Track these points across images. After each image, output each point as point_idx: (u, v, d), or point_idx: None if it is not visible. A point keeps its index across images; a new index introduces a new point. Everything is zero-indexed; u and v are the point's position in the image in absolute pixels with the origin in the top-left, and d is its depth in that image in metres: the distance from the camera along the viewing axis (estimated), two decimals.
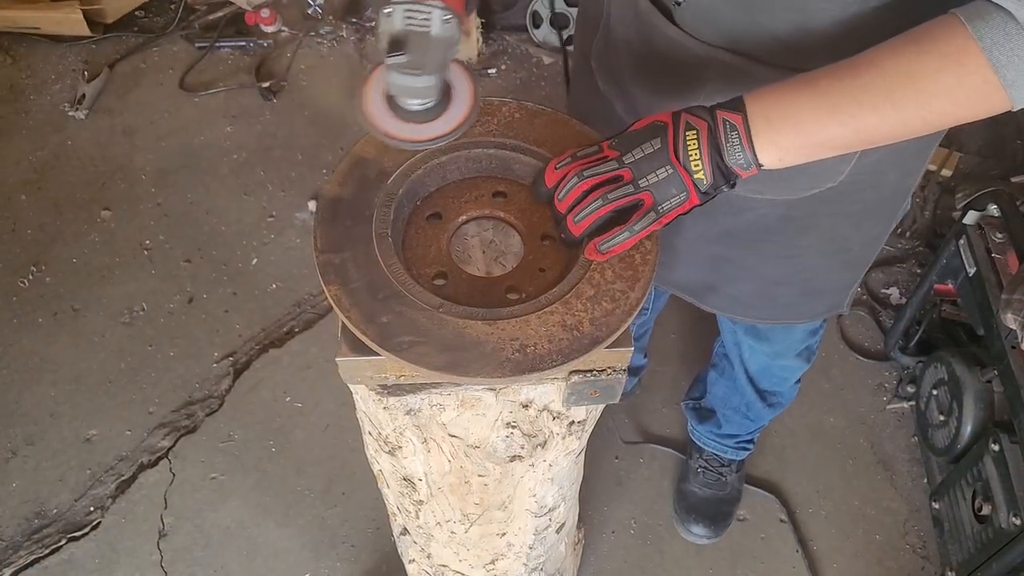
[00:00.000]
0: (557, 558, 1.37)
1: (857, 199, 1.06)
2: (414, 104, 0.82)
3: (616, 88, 1.10)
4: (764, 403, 1.66)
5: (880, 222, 1.16)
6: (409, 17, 0.78)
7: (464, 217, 0.94)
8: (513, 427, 0.90)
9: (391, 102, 0.83)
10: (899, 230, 2.40)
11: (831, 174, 1.00)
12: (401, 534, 1.26)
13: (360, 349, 0.81)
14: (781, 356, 1.53)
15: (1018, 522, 1.50)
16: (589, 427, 0.99)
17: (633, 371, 1.97)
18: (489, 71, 2.84)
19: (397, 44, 0.78)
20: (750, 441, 1.84)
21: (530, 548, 1.18)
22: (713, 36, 0.93)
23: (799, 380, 1.65)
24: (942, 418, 1.84)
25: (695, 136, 0.78)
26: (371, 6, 0.93)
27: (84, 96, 2.62)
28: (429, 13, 0.78)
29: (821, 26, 0.85)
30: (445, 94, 0.84)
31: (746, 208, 1.07)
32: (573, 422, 0.94)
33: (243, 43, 2.84)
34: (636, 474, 1.96)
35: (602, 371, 0.85)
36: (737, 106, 0.78)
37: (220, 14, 2.89)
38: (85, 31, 2.77)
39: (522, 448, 0.92)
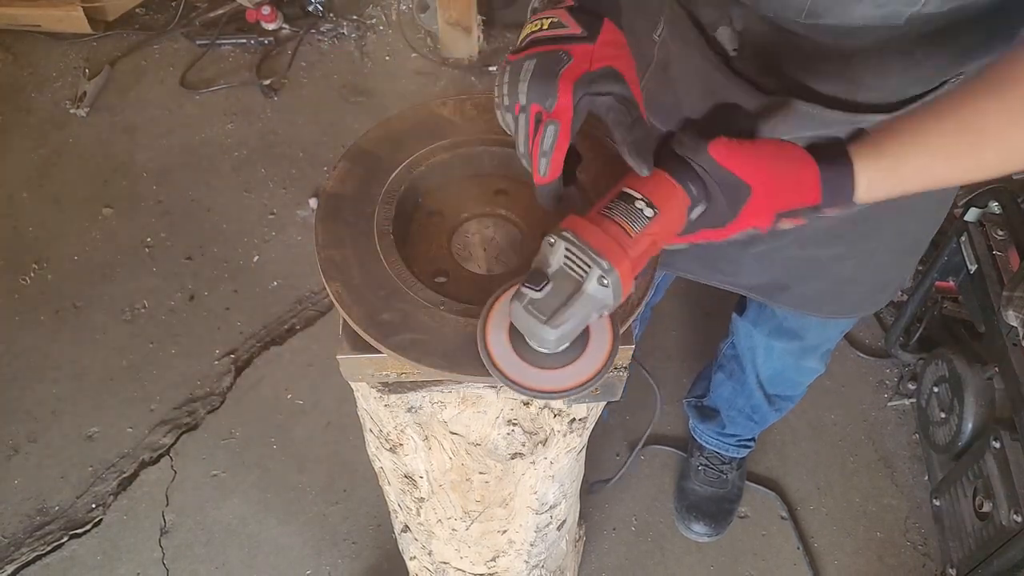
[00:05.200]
0: (558, 555, 1.37)
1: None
2: (538, 346, 0.74)
3: (675, 127, 1.10)
4: (771, 407, 1.66)
5: (943, 205, 1.18)
6: (569, 258, 0.70)
7: (465, 215, 0.94)
8: (514, 425, 0.90)
9: (515, 336, 0.75)
10: None
11: None
12: (402, 531, 1.26)
13: (361, 347, 0.81)
14: (809, 355, 1.52)
15: (1019, 519, 1.50)
16: (590, 425, 0.99)
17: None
18: (490, 68, 2.83)
19: (539, 277, 0.70)
20: (751, 439, 1.84)
21: (531, 545, 1.18)
22: (769, 83, 0.94)
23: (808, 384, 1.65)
24: (943, 415, 1.84)
25: None
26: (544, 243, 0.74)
27: (85, 94, 2.62)
28: (589, 267, 0.68)
29: (859, 54, 0.88)
30: (580, 339, 0.76)
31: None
32: (574, 420, 0.94)
33: (244, 40, 2.84)
34: (637, 471, 1.96)
35: None
36: (844, 171, 0.76)
37: (221, 11, 2.89)
38: (86, 28, 2.77)
39: (523, 446, 0.93)
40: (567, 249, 0.69)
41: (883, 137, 0.76)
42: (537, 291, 0.70)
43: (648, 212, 0.71)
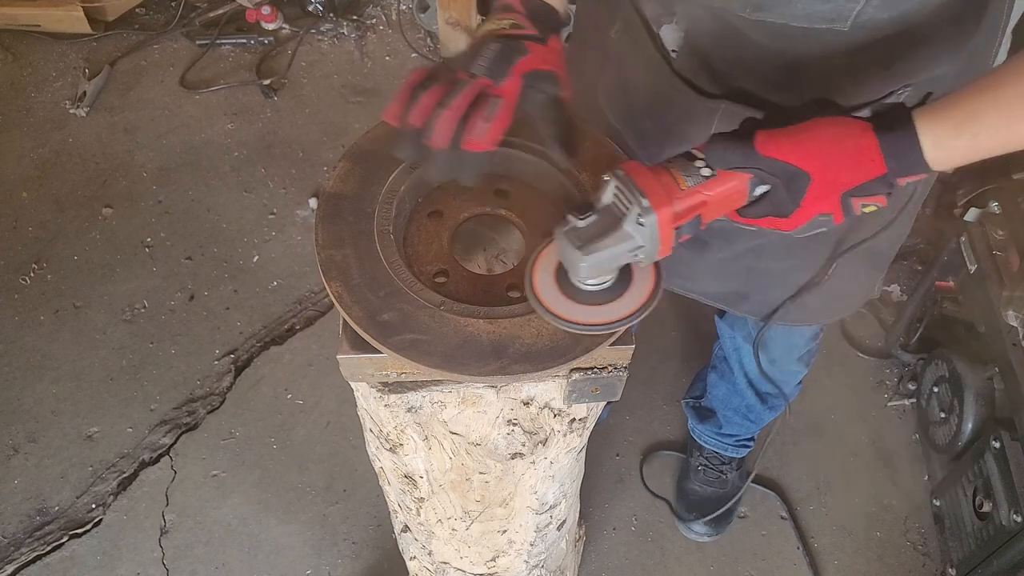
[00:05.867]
0: (558, 555, 1.37)
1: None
2: (579, 282, 0.77)
3: (629, 124, 1.12)
4: (764, 405, 1.66)
5: (904, 221, 1.16)
6: (616, 195, 0.73)
7: (465, 215, 0.94)
8: (514, 424, 0.90)
9: (561, 274, 0.79)
10: None
11: None
12: (402, 531, 1.26)
13: (361, 346, 0.81)
14: (780, 362, 1.53)
15: (1019, 519, 1.50)
16: (590, 424, 0.99)
17: None
18: None
19: (585, 207, 0.74)
20: (750, 439, 1.84)
21: (531, 545, 1.18)
22: (709, 85, 0.96)
23: (800, 382, 1.65)
24: (943, 415, 1.84)
25: None
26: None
27: (85, 94, 2.62)
28: (630, 204, 0.72)
29: (804, 60, 0.88)
30: (622, 277, 0.80)
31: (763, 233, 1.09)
32: (574, 419, 0.94)
33: (244, 40, 2.84)
34: (637, 471, 1.96)
35: (603, 368, 0.85)
36: (905, 134, 0.73)
37: (221, 11, 2.88)
38: (86, 28, 2.77)
39: (523, 445, 0.93)
40: (616, 186, 0.73)
41: (950, 96, 0.73)
42: (580, 220, 0.73)
43: (705, 172, 0.73)
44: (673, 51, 0.98)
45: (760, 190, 0.75)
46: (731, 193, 0.75)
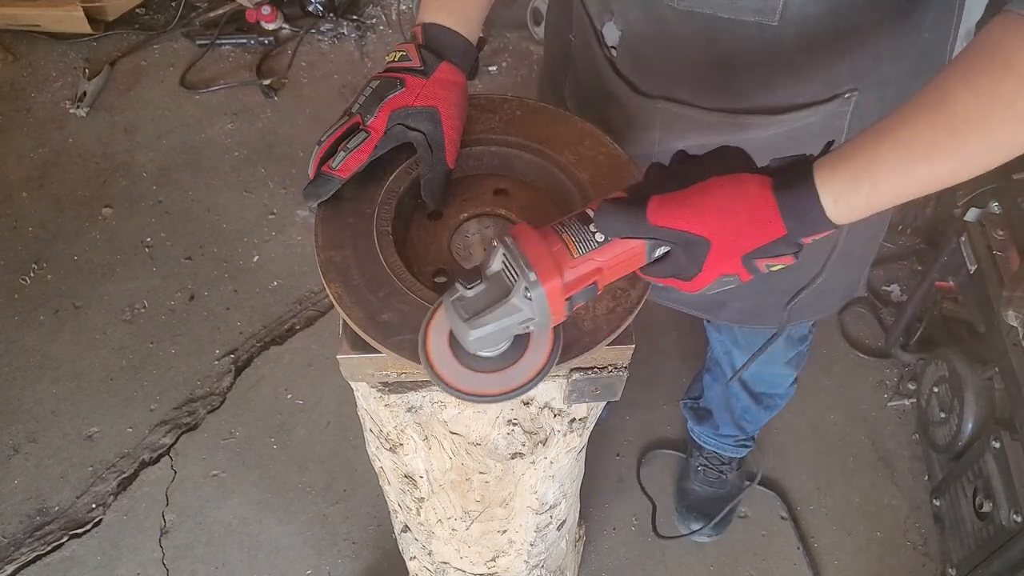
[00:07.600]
0: (558, 555, 1.37)
1: None
2: (474, 350, 0.73)
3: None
4: (760, 405, 1.66)
5: (876, 221, 1.16)
6: (505, 264, 0.69)
7: (465, 215, 0.94)
8: (514, 424, 0.90)
9: (454, 339, 0.75)
10: (900, 227, 2.40)
11: None
12: (402, 531, 1.26)
13: (361, 346, 0.81)
14: (769, 364, 1.54)
15: (1019, 519, 1.50)
16: (590, 424, 0.99)
17: None
18: (490, 68, 2.83)
19: (473, 275, 0.69)
20: (750, 439, 1.84)
21: (531, 545, 1.18)
22: (647, 85, 0.97)
23: (794, 381, 1.65)
24: (943, 415, 1.84)
25: None
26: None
27: (85, 94, 2.62)
28: (518, 277, 0.68)
29: (737, 58, 0.88)
30: (518, 342, 0.76)
31: None
32: (574, 419, 0.94)
33: (244, 40, 2.84)
34: (637, 471, 1.96)
35: (603, 368, 0.85)
36: (804, 191, 0.68)
37: (221, 11, 2.88)
38: (86, 28, 2.77)
39: (523, 445, 0.93)
40: (504, 255, 0.69)
41: (848, 144, 0.67)
42: (468, 288, 0.69)
43: (599, 237, 0.70)
44: (612, 48, 0.98)
45: (661, 251, 0.72)
46: (628, 257, 0.71)
